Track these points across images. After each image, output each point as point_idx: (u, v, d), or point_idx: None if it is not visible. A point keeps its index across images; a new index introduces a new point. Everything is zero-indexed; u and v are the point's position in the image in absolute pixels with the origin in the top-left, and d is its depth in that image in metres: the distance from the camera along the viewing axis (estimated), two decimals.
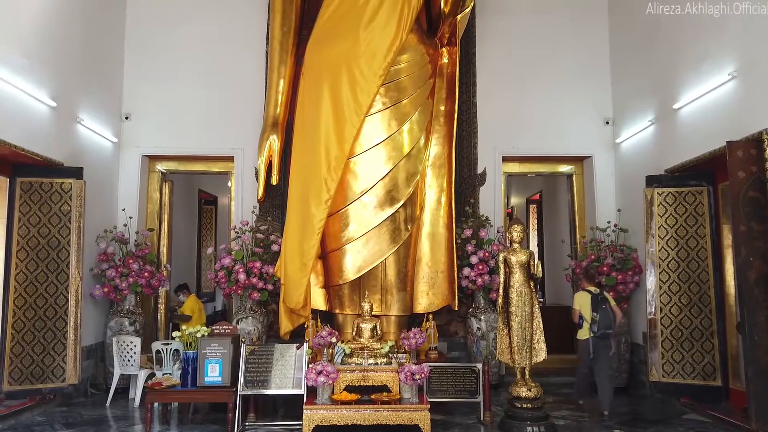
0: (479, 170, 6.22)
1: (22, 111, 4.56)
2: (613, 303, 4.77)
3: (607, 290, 5.20)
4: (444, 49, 5.77)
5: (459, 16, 5.33)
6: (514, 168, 6.60)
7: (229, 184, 6.61)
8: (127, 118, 6.20)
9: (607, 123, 6.32)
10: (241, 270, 5.38)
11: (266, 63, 6.01)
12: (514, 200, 9.48)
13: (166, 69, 6.25)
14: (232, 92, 6.20)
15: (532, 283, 4.39)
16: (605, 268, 5.55)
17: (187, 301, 6.11)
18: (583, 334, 4.76)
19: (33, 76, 4.64)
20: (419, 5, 5.33)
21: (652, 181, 5.17)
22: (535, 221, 9.26)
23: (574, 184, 6.61)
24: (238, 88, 6.19)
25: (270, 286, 5.48)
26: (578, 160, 6.55)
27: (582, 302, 4.78)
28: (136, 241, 5.80)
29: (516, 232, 4.43)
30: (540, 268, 4.41)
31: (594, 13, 6.43)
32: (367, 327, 4.53)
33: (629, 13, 5.97)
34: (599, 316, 4.60)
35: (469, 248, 5.65)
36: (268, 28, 6.03)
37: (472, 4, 5.43)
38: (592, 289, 4.81)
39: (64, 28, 5.13)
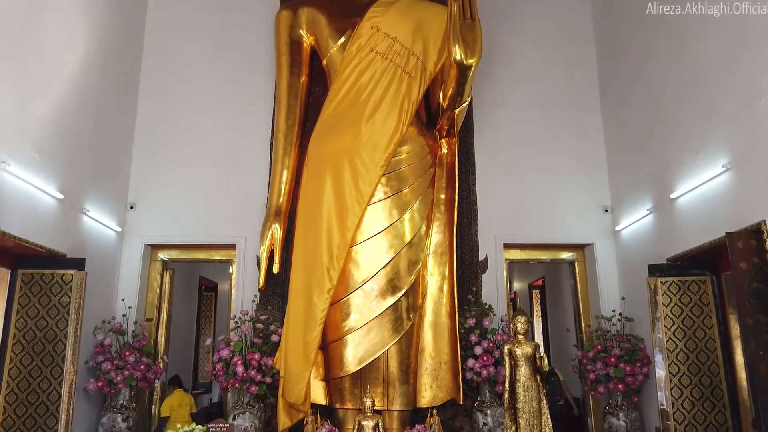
0: (481, 257, 6.22)
1: (29, 204, 4.62)
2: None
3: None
4: (443, 140, 5.92)
5: (457, 110, 5.50)
6: (516, 255, 6.61)
7: (231, 270, 6.60)
8: (132, 207, 6.29)
9: (606, 211, 6.39)
10: (239, 362, 5.26)
11: (270, 154, 6.16)
12: (517, 286, 9.42)
13: (173, 158, 6.41)
14: (236, 182, 6.33)
15: (539, 377, 4.27)
16: (613, 359, 5.42)
17: (166, 400, 5.76)
18: None
19: (43, 169, 4.75)
20: (419, 100, 5.56)
21: (654, 270, 5.16)
22: (539, 307, 9.15)
23: (577, 271, 6.59)
24: (242, 178, 6.32)
25: (269, 379, 5.33)
26: (579, 248, 6.57)
27: None
28: (133, 331, 5.71)
29: (520, 324, 4.37)
30: (546, 362, 4.32)
31: (588, 107, 6.68)
32: (368, 425, 4.36)
33: (622, 107, 6.21)
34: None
35: (473, 338, 5.54)
36: (273, 121, 6.23)
37: (470, 98, 5.62)
38: None
39: (77, 121, 5.31)
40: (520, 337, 4.31)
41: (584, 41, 6.86)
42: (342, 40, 5.83)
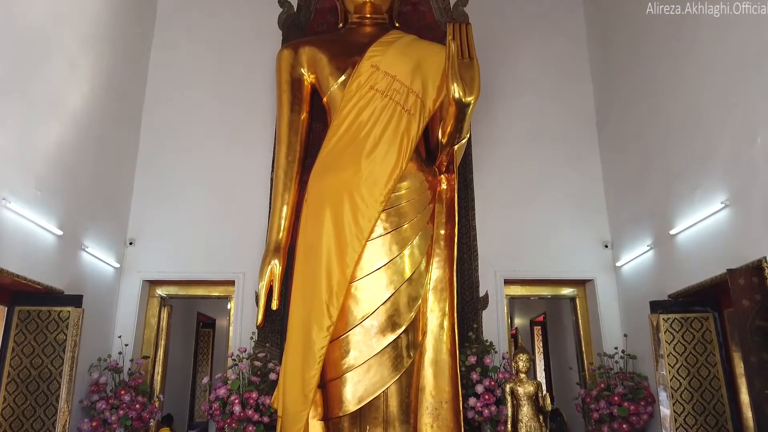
0: (481, 293, 6.19)
1: (28, 240, 4.62)
2: None
3: None
4: (443, 175, 5.95)
5: (456, 147, 5.53)
6: (516, 291, 6.57)
7: (229, 307, 6.55)
8: (131, 243, 6.28)
9: (606, 246, 6.38)
10: (236, 401, 5.17)
11: (270, 190, 6.19)
12: (518, 321, 9.34)
13: (173, 194, 6.43)
14: (236, 217, 6.33)
15: (541, 417, 4.20)
16: (616, 398, 5.33)
17: None
18: None
19: (44, 206, 4.77)
20: (418, 136, 5.61)
21: (656, 306, 5.12)
22: (540, 344, 9.05)
23: (578, 307, 6.54)
24: (242, 214, 6.33)
25: (266, 419, 5.23)
26: (580, 284, 6.54)
27: None
28: (129, 369, 5.63)
29: (522, 362, 4.32)
30: (549, 401, 4.25)
31: (586, 142, 6.73)
32: None
33: (619, 142, 6.27)
34: None
35: (474, 376, 5.46)
36: (273, 157, 6.27)
37: (468, 135, 5.67)
38: None
39: (79, 157, 5.34)
40: (522, 375, 4.26)
41: (580, 78, 6.96)
42: (342, 78, 5.92)
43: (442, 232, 5.82)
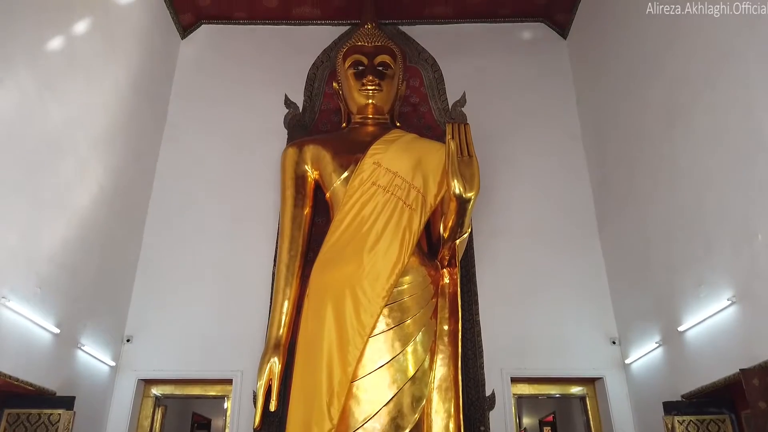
0: (487, 392, 5.97)
1: (24, 339, 4.54)
2: None
3: None
4: (445, 269, 5.91)
5: (458, 241, 5.54)
6: (524, 389, 6.34)
7: (225, 406, 6.31)
8: (128, 340, 6.16)
9: (614, 343, 6.23)
10: None
11: (271, 285, 6.14)
12: (527, 421, 8.95)
13: (174, 290, 6.38)
14: (235, 314, 6.24)
15: None
16: None
17: None
18: None
19: (43, 305, 4.72)
20: (420, 230, 5.65)
21: (670, 408, 4.92)
22: None
23: (588, 407, 6.28)
24: (242, 311, 6.24)
25: None
26: (589, 382, 6.32)
27: None
28: None
29: None
30: None
31: (587, 236, 6.75)
32: None
33: (620, 236, 6.29)
34: None
35: None
36: (275, 252, 6.28)
37: (470, 229, 5.70)
38: None
39: (82, 255, 5.36)
40: None
41: (578, 172, 7.10)
42: (345, 174, 6.05)
43: (446, 327, 5.70)
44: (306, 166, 6.34)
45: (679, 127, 5.06)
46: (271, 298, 6.10)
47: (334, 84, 6.95)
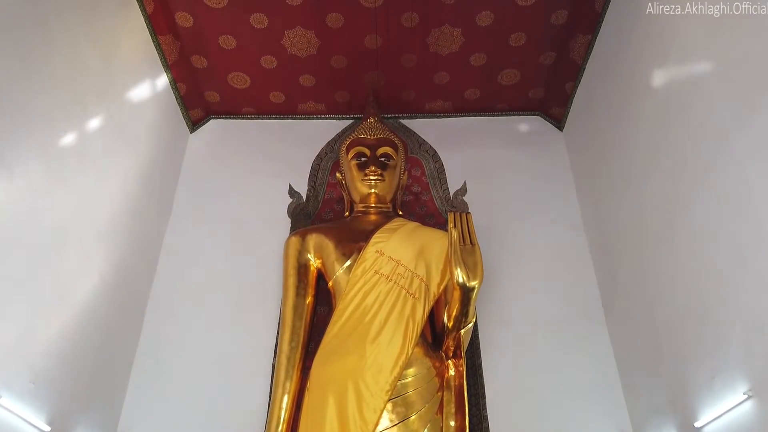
0: None
1: None
2: None
3: None
4: (450, 361, 5.77)
5: (462, 331, 5.45)
6: None
7: None
8: None
9: None
10: None
11: (271, 378, 5.97)
12: None
13: (170, 383, 6.19)
14: (234, 409, 6.01)
15: None
16: None
17: None
18: None
19: (36, 400, 4.57)
20: (423, 320, 5.56)
21: None
22: None
23: None
24: (240, 405, 6.03)
25: None
26: None
27: None
28: None
29: None
30: None
31: (594, 324, 6.62)
32: None
33: (628, 325, 6.18)
34: None
35: None
36: (276, 343, 6.15)
37: (474, 319, 5.62)
38: None
39: (79, 348, 5.25)
40: None
41: (581, 261, 7.06)
42: (348, 263, 6.05)
43: (452, 423, 5.46)
44: (309, 255, 6.35)
45: (679, 216, 5.08)
46: (270, 391, 5.91)
47: (338, 174, 7.12)
